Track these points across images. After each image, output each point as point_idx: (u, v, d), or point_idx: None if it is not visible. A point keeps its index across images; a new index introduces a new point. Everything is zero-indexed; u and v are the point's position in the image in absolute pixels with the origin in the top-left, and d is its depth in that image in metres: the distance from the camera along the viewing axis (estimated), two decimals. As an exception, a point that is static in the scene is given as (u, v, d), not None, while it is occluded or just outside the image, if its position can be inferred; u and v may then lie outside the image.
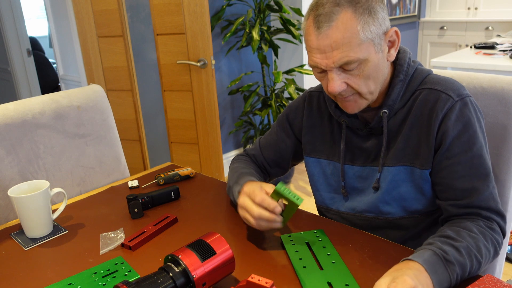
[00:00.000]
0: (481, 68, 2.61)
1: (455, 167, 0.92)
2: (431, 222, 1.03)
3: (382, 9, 0.91)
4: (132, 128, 2.48)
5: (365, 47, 0.89)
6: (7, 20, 3.88)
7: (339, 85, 0.92)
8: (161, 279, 0.75)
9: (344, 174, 1.08)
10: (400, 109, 0.99)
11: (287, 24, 2.82)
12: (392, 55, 0.96)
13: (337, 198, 1.10)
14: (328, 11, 0.88)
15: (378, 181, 1.02)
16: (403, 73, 0.98)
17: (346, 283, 0.83)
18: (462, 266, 0.79)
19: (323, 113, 1.12)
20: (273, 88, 3.03)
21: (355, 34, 0.87)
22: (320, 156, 1.12)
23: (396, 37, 0.94)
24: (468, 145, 0.91)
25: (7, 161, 1.27)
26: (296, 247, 0.95)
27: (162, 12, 2.29)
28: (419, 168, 0.97)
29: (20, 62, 4.02)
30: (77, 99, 1.45)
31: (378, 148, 1.02)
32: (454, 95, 0.93)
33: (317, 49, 0.90)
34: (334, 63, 0.89)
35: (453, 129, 0.92)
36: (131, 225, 1.11)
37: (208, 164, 2.51)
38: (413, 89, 0.98)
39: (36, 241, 1.06)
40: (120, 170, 1.54)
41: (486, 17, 4.47)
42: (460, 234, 0.85)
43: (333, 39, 0.88)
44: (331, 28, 0.88)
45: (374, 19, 0.89)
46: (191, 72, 2.36)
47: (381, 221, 1.04)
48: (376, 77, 0.94)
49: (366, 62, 0.90)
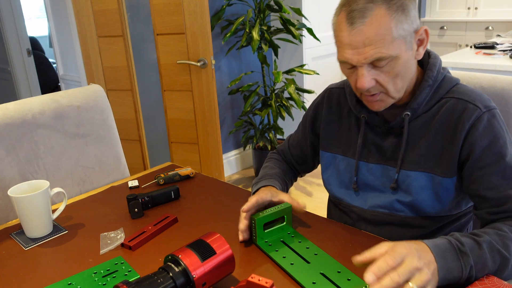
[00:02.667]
0: (481, 68, 2.61)
1: (487, 177, 0.91)
2: (442, 225, 1.04)
3: (414, 7, 0.91)
4: (132, 128, 2.48)
5: (397, 45, 0.89)
6: (7, 20, 3.88)
7: (369, 82, 0.92)
8: (161, 279, 0.75)
9: (357, 169, 1.08)
10: (423, 113, 0.99)
11: (287, 24, 2.82)
12: (420, 53, 0.96)
13: (348, 193, 1.11)
14: (362, 7, 0.88)
15: (396, 181, 1.02)
16: (432, 78, 0.98)
17: (337, 270, 0.85)
18: (480, 259, 0.79)
19: (342, 109, 1.13)
20: (273, 88, 3.03)
21: (388, 31, 0.87)
22: (335, 151, 1.14)
23: (425, 35, 0.94)
24: (500, 155, 0.91)
25: (7, 161, 1.27)
26: (274, 247, 0.95)
27: (162, 12, 2.29)
28: (440, 176, 0.97)
29: (20, 62, 4.02)
30: (77, 99, 1.45)
31: (395, 148, 1.02)
32: (482, 106, 0.93)
33: (349, 44, 0.90)
34: (366, 59, 0.89)
35: (482, 140, 0.92)
36: (131, 225, 1.11)
37: (208, 164, 2.51)
38: (439, 96, 0.98)
39: (36, 241, 1.06)
40: (120, 170, 1.54)
41: (486, 17, 4.47)
42: (486, 231, 0.85)
43: (367, 35, 0.88)
44: (364, 24, 0.87)
45: (406, 17, 0.89)
46: (191, 72, 2.36)
47: (392, 217, 1.05)
48: (405, 76, 0.94)
49: (397, 60, 0.90)
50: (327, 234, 1.01)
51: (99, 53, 2.41)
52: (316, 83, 3.40)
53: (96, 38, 2.38)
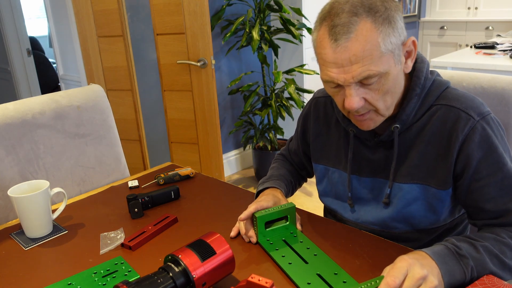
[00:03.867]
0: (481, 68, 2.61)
1: (486, 189, 0.88)
2: (436, 236, 1.02)
3: (400, 18, 0.86)
4: (132, 128, 2.48)
5: (385, 60, 0.83)
6: (7, 20, 3.88)
7: (358, 102, 0.86)
8: (161, 279, 0.75)
9: (350, 184, 1.05)
10: (413, 123, 0.95)
11: (287, 24, 2.82)
12: (408, 66, 0.90)
13: (342, 206, 1.09)
14: (346, 22, 0.81)
15: (388, 196, 0.99)
16: (419, 86, 0.93)
17: (334, 272, 0.85)
18: (479, 261, 0.79)
19: (329, 120, 1.10)
20: (273, 88, 3.03)
21: (376, 46, 0.81)
22: (327, 164, 1.11)
23: (413, 47, 0.89)
24: (498, 166, 0.88)
25: (7, 161, 1.27)
26: (275, 245, 0.96)
27: (162, 12, 2.29)
28: (435, 188, 0.93)
29: (20, 62, 4.02)
30: (77, 99, 1.45)
31: (386, 160, 0.98)
32: (475, 115, 0.89)
33: (334, 63, 0.84)
34: (354, 78, 0.83)
35: (478, 151, 0.88)
36: (131, 225, 1.11)
37: (208, 164, 2.51)
38: (429, 104, 0.93)
39: (36, 241, 1.06)
40: (120, 170, 1.54)
41: (486, 17, 4.47)
42: (483, 236, 0.84)
43: (353, 52, 0.81)
44: (350, 40, 0.81)
45: (394, 29, 0.83)
46: (191, 72, 2.36)
47: (385, 233, 1.03)
48: (394, 92, 0.89)
49: (387, 76, 0.85)
50: (327, 234, 1.01)
51: (99, 53, 2.41)
52: (316, 83, 3.40)
53: (96, 38, 2.38)
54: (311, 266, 0.87)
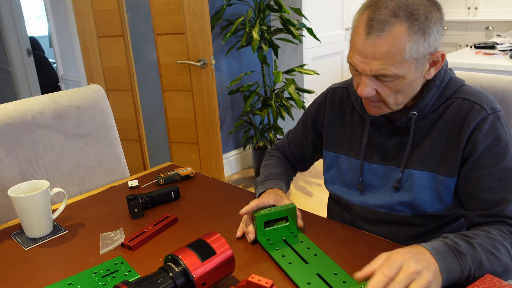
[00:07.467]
0: (481, 68, 2.61)
1: (483, 178, 0.92)
2: (440, 224, 1.04)
3: (437, 30, 0.89)
4: (132, 128, 2.47)
5: (406, 66, 0.88)
6: (7, 20, 3.88)
7: (369, 92, 0.92)
8: (161, 279, 0.75)
9: (362, 170, 1.08)
10: (429, 113, 0.99)
11: (287, 24, 2.82)
12: (430, 74, 0.94)
13: (349, 192, 1.12)
14: (384, 19, 0.85)
15: (399, 181, 1.02)
16: (439, 78, 0.97)
17: (334, 272, 0.85)
18: (476, 259, 0.80)
19: (345, 108, 1.13)
20: (273, 88, 3.03)
21: (401, 51, 0.86)
22: (338, 151, 1.14)
23: (441, 59, 0.93)
24: (499, 158, 0.91)
25: (7, 161, 1.27)
26: (275, 245, 0.96)
27: (162, 12, 2.29)
28: (443, 175, 0.97)
29: (20, 62, 4.02)
30: (77, 99, 1.45)
31: (399, 147, 1.03)
32: (488, 108, 0.93)
33: (360, 51, 0.89)
34: (371, 71, 0.89)
35: (484, 141, 0.92)
36: (131, 225, 1.11)
37: (208, 164, 2.51)
38: (446, 96, 0.98)
39: (36, 241, 1.06)
40: (120, 170, 1.54)
41: (486, 17, 4.47)
42: (476, 234, 0.86)
43: (379, 49, 0.86)
44: (380, 38, 0.86)
45: (425, 40, 0.87)
46: (191, 72, 2.36)
47: (391, 216, 1.05)
48: (407, 93, 0.94)
49: (402, 79, 0.89)
50: (327, 234, 1.01)
51: (99, 53, 2.41)
52: (316, 83, 3.40)
53: (96, 38, 2.38)
54: (311, 266, 0.87)
